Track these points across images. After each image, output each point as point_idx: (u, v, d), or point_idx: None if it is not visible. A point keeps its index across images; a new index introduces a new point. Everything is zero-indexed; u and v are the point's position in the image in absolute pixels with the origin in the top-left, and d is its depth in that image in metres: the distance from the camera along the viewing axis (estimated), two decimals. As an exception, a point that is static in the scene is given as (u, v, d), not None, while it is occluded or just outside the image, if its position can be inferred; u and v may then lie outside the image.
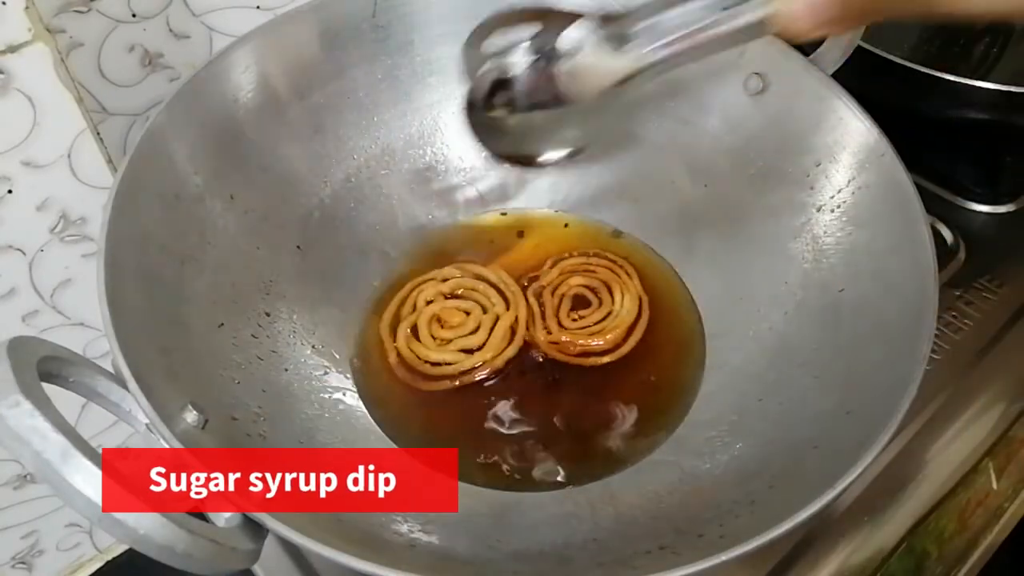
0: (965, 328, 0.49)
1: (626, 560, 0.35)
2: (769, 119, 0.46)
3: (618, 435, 0.42)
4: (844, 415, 0.36)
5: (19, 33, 0.38)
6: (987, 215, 0.57)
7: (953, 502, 0.45)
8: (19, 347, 0.26)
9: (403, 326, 0.46)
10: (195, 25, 0.47)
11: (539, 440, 0.42)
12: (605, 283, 0.48)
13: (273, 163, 0.45)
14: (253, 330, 0.41)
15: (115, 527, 0.25)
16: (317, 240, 0.46)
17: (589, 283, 0.48)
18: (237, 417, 0.36)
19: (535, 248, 0.51)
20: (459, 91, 0.50)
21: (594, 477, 0.41)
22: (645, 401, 0.44)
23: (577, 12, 0.35)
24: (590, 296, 0.48)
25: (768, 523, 0.29)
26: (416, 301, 0.47)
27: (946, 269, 0.52)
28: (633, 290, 0.48)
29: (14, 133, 0.41)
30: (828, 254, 0.43)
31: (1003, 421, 0.47)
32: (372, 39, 0.47)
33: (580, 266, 0.49)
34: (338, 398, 0.43)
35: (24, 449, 0.24)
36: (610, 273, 0.48)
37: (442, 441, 0.42)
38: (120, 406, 0.31)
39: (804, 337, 0.42)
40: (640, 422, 0.43)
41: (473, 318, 0.46)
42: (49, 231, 0.46)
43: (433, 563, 0.35)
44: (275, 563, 0.41)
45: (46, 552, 0.62)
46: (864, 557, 0.42)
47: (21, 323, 0.48)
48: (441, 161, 0.51)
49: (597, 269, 0.49)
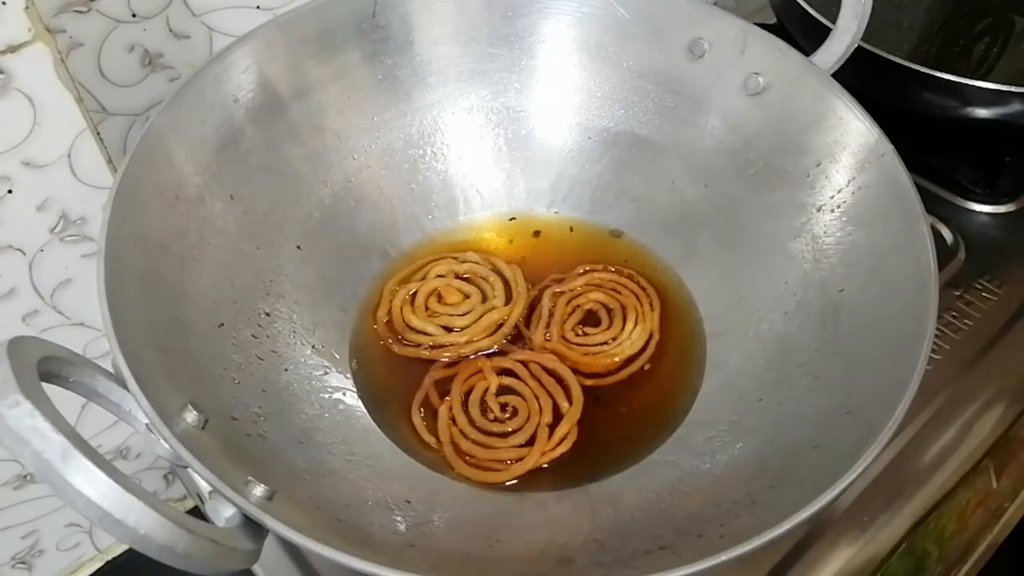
0: (965, 328, 0.49)
1: (626, 560, 0.35)
2: (769, 119, 0.46)
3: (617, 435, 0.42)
4: (844, 415, 0.36)
5: (19, 33, 0.38)
6: (987, 215, 0.57)
7: (953, 502, 0.45)
8: (19, 347, 0.26)
9: (404, 290, 0.47)
10: (195, 25, 0.47)
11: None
12: (623, 307, 0.47)
13: (273, 163, 0.45)
14: (253, 330, 0.41)
15: (115, 527, 0.25)
16: (317, 240, 0.46)
17: (608, 302, 0.48)
18: (237, 417, 0.36)
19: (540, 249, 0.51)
20: (459, 91, 0.51)
21: (593, 479, 0.41)
22: (644, 401, 0.44)
23: None
24: (603, 315, 0.47)
25: (768, 523, 0.29)
26: (428, 272, 0.48)
27: (946, 269, 0.52)
28: (648, 323, 0.47)
29: (14, 133, 0.41)
30: (828, 254, 0.43)
31: (1003, 421, 0.47)
32: (372, 39, 0.47)
33: (608, 282, 0.48)
34: (338, 398, 0.43)
35: (24, 449, 0.24)
36: (633, 299, 0.48)
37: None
38: (120, 406, 0.31)
39: (804, 337, 0.42)
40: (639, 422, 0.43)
41: (469, 302, 0.47)
42: (49, 231, 0.46)
43: (433, 563, 0.35)
44: (275, 563, 0.41)
45: (46, 552, 0.62)
46: (864, 557, 0.42)
47: (21, 323, 0.48)
48: (441, 161, 0.51)
49: (622, 291, 0.48)
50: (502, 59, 0.50)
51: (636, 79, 0.49)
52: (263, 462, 0.35)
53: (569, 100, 0.51)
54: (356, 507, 0.36)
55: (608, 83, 0.50)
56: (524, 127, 0.52)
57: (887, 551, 0.42)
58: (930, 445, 0.45)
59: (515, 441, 0.42)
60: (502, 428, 0.43)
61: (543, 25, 0.49)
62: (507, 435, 0.42)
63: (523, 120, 0.51)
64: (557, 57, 0.50)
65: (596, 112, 0.51)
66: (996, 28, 0.68)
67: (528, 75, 0.51)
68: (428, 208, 0.51)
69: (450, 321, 0.46)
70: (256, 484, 0.30)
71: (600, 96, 0.51)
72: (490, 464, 0.41)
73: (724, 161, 0.48)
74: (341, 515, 0.35)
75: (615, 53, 0.50)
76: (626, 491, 0.40)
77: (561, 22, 0.49)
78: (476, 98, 0.51)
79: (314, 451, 0.39)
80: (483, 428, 0.43)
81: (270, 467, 0.35)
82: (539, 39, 0.50)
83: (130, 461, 0.63)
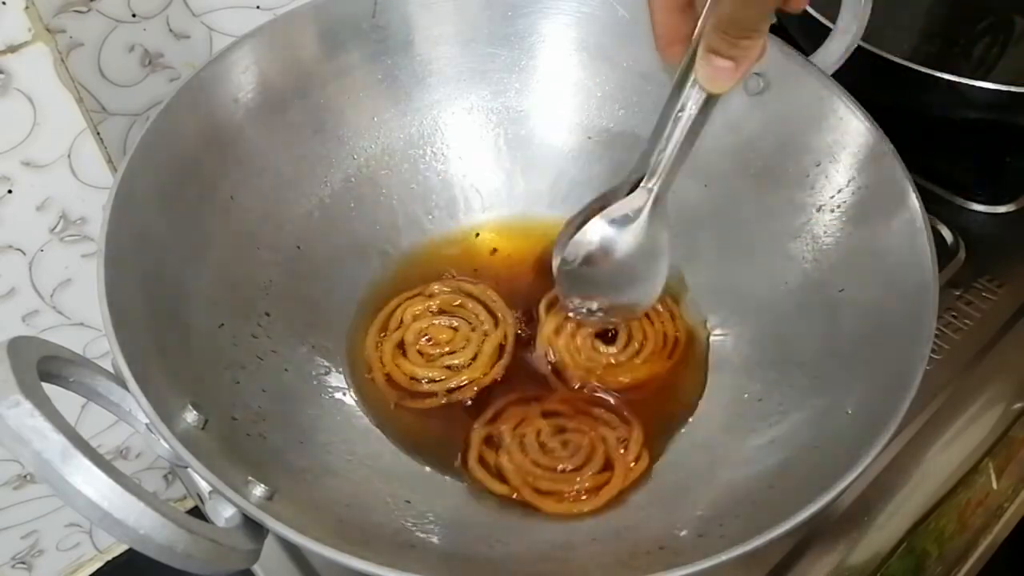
0: (965, 328, 0.49)
1: (626, 560, 0.35)
2: (769, 119, 0.46)
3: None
4: (844, 415, 0.36)
5: (19, 33, 0.38)
6: (987, 215, 0.57)
7: (953, 502, 0.45)
8: (19, 347, 0.26)
9: (389, 342, 0.45)
10: (195, 25, 0.47)
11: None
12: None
13: (273, 163, 0.45)
14: (253, 330, 0.41)
15: (115, 527, 0.25)
16: (317, 240, 0.46)
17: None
18: (237, 417, 0.36)
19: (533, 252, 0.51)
20: (459, 91, 0.51)
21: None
22: (645, 402, 0.44)
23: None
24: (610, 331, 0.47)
25: (768, 523, 0.29)
26: (403, 316, 0.46)
27: (946, 269, 0.52)
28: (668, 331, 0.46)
29: (14, 133, 0.41)
30: (828, 254, 0.43)
31: (1003, 421, 0.47)
32: (372, 39, 0.47)
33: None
34: (338, 398, 0.43)
35: (24, 449, 0.24)
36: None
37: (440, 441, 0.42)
38: (120, 406, 0.31)
39: (804, 337, 0.42)
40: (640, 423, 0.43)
41: (461, 335, 0.46)
42: (49, 231, 0.46)
43: (433, 563, 0.35)
44: (275, 563, 0.41)
45: (46, 552, 0.62)
46: (864, 557, 0.42)
47: (21, 323, 0.48)
48: (441, 161, 0.51)
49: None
50: (502, 59, 0.50)
51: (636, 79, 0.49)
52: (263, 462, 0.35)
53: (569, 100, 0.51)
54: (356, 507, 0.36)
55: (608, 83, 0.50)
56: (524, 127, 0.51)
57: (887, 551, 0.42)
58: (930, 445, 0.45)
59: (591, 470, 0.41)
60: (575, 463, 0.41)
61: (543, 25, 0.49)
62: (581, 468, 0.41)
63: (523, 120, 0.51)
64: (557, 57, 0.50)
65: (596, 112, 0.51)
66: (996, 28, 0.68)
67: (528, 75, 0.51)
68: (428, 208, 0.51)
69: (450, 360, 0.45)
70: (256, 484, 0.30)
71: (600, 96, 0.51)
72: (573, 495, 0.40)
73: (724, 161, 0.48)
74: (341, 515, 0.35)
75: (615, 53, 0.49)
76: (626, 491, 0.40)
77: (561, 22, 0.49)
78: (476, 98, 0.51)
79: (314, 451, 0.39)
80: (553, 467, 0.41)
81: (270, 467, 0.35)
82: (539, 39, 0.50)
83: (130, 461, 0.63)
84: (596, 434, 0.42)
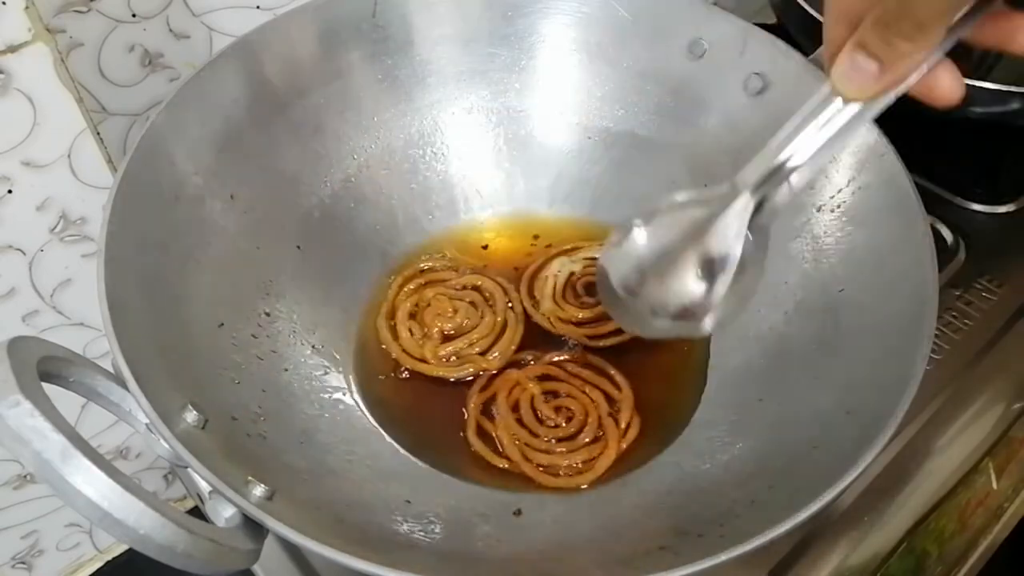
0: (965, 328, 0.49)
1: (626, 560, 0.35)
2: (769, 119, 0.46)
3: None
4: (844, 415, 0.36)
5: (19, 33, 0.38)
6: (987, 215, 0.57)
7: (953, 502, 0.45)
8: (19, 347, 0.26)
9: (404, 327, 0.46)
10: (195, 25, 0.47)
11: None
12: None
13: (273, 163, 0.45)
14: (253, 330, 0.41)
15: (115, 527, 0.25)
16: (317, 240, 0.46)
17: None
18: (237, 417, 0.36)
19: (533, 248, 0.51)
20: (458, 91, 0.51)
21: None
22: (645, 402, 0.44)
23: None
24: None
25: (768, 523, 0.29)
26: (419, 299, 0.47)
27: (946, 269, 0.52)
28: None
29: (14, 133, 0.41)
30: (828, 254, 0.43)
31: (1003, 421, 0.47)
32: (372, 39, 0.48)
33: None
34: (338, 398, 0.43)
35: (24, 449, 0.24)
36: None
37: (440, 441, 0.42)
38: (120, 406, 0.31)
39: (804, 337, 0.42)
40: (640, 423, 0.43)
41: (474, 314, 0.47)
42: (49, 231, 0.46)
43: (433, 563, 0.35)
44: (275, 563, 0.41)
45: (46, 552, 0.62)
46: (864, 557, 0.42)
47: (21, 323, 0.48)
48: (441, 161, 0.51)
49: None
50: (502, 59, 0.50)
51: (636, 79, 0.49)
52: (263, 462, 0.35)
53: (569, 100, 0.51)
54: (356, 507, 0.36)
55: (608, 83, 0.50)
56: (524, 127, 0.52)
57: (887, 551, 0.42)
58: (930, 445, 0.45)
59: (585, 439, 0.42)
60: (567, 432, 0.42)
61: (543, 25, 0.50)
62: (575, 436, 0.42)
63: (523, 120, 0.51)
64: (557, 57, 0.50)
65: (596, 112, 0.51)
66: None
67: (528, 75, 0.51)
68: (428, 208, 0.51)
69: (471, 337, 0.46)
70: (256, 484, 0.30)
71: (600, 96, 0.51)
72: (569, 470, 0.41)
73: (724, 161, 0.47)
74: (341, 515, 0.35)
75: (615, 53, 0.50)
76: (626, 491, 0.40)
77: (561, 22, 0.49)
78: (476, 98, 0.51)
79: (314, 451, 0.39)
80: (547, 436, 0.42)
81: (270, 467, 0.35)
82: (539, 39, 0.50)
83: (130, 461, 0.63)
84: (588, 400, 0.43)
